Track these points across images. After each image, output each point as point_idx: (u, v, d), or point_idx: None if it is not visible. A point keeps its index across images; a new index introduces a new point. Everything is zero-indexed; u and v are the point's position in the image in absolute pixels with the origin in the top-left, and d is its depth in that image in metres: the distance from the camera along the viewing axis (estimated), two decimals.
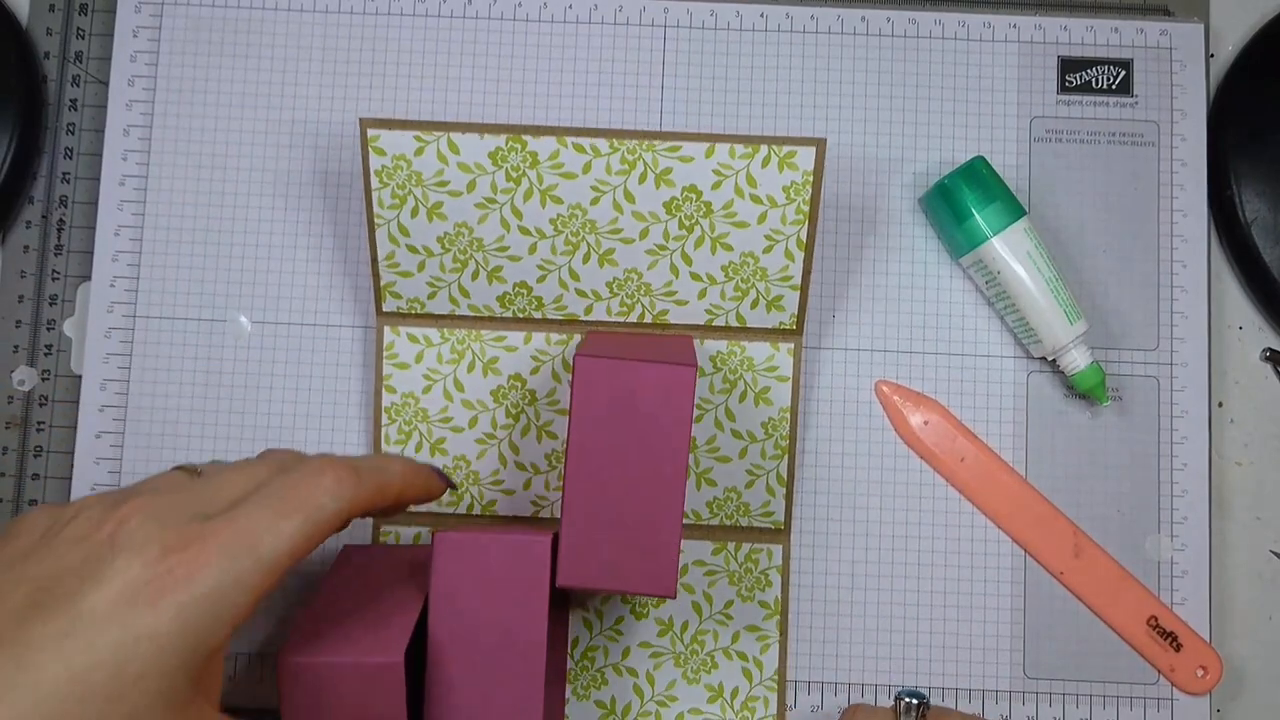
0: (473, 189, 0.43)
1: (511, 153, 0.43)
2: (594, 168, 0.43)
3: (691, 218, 0.44)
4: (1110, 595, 0.45)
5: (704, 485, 0.45)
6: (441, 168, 0.43)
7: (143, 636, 0.28)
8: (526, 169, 0.43)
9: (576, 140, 0.43)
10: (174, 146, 0.47)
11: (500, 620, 0.37)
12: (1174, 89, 0.48)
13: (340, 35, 0.48)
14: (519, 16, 0.48)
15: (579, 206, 0.44)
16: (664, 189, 0.43)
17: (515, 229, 0.44)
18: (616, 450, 0.37)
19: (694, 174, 0.43)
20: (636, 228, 0.44)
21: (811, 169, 0.43)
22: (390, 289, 0.45)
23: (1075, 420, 0.47)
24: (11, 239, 0.48)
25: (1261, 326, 0.49)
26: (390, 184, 0.43)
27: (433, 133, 0.43)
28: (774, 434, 0.45)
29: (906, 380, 0.47)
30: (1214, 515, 0.47)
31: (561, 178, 0.43)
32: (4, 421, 0.47)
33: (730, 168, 0.43)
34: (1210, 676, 0.44)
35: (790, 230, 0.44)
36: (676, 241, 0.44)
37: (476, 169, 0.43)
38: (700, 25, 0.48)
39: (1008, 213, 0.45)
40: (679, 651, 0.45)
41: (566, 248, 0.44)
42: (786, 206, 0.43)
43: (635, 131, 0.43)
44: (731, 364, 0.45)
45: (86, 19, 0.49)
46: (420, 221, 0.43)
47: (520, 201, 0.43)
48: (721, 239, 0.44)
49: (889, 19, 0.49)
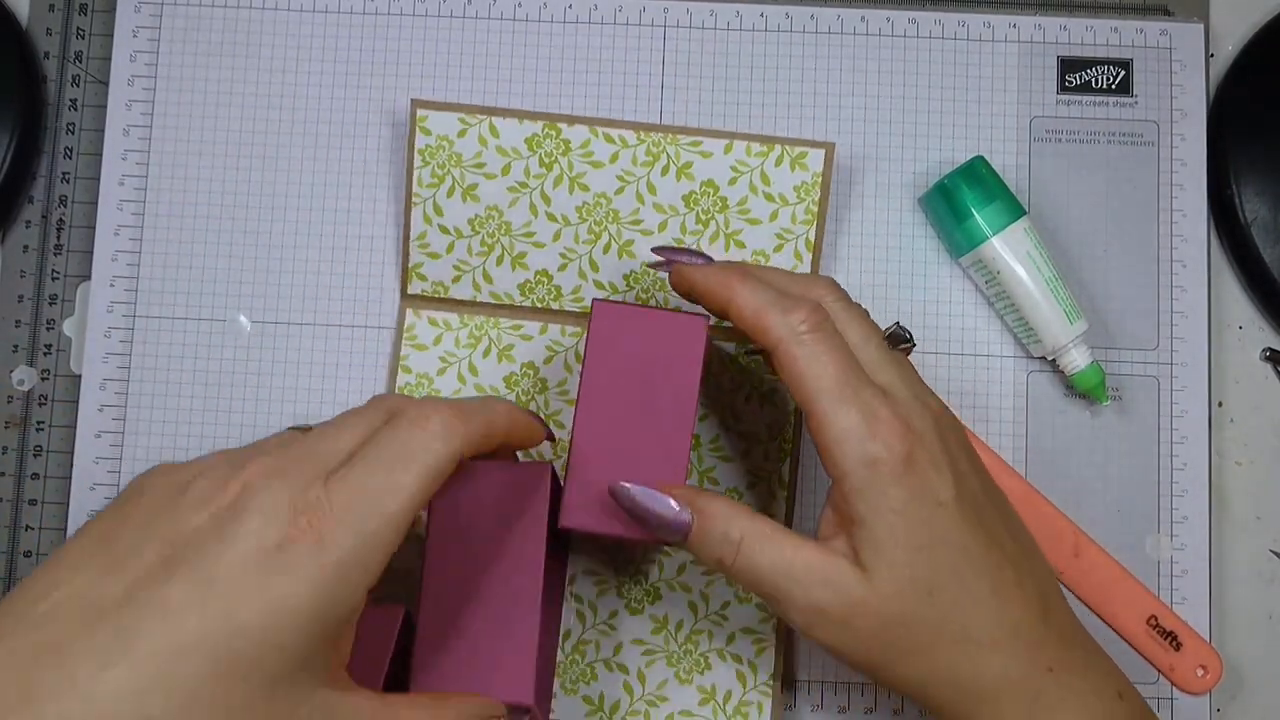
0: (507, 172, 0.45)
1: (547, 139, 0.45)
2: (621, 158, 0.45)
3: (708, 212, 0.45)
4: (1110, 594, 0.45)
5: (706, 484, 0.45)
6: (480, 150, 0.45)
7: (282, 603, 0.28)
8: (559, 155, 0.45)
9: (607, 130, 0.45)
10: (174, 146, 0.47)
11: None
12: (1174, 89, 0.48)
13: (340, 35, 0.48)
14: (519, 16, 0.48)
15: (604, 195, 0.45)
16: (684, 182, 0.45)
17: (543, 214, 0.45)
18: (627, 396, 0.37)
19: (713, 169, 0.45)
20: (656, 219, 0.45)
21: (821, 170, 0.45)
22: (417, 270, 0.46)
23: (1075, 420, 0.47)
24: (11, 239, 0.48)
25: (1261, 326, 0.49)
26: (431, 163, 0.45)
27: (476, 116, 0.45)
28: (777, 436, 0.46)
29: None
30: (1214, 515, 0.47)
31: (590, 166, 0.45)
32: (4, 421, 0.47)
33: (746, 164, 0.45)
34: (1210, 676, 0.44)
35: (800, 230, 0.45)
36: (693, 236, 0.45)
37: (513, 153, 0.45)
38: (700, 25, 0.48)
39: (1007, 212, 0.45)
40: (672, 651, 0.44)
41: (589, 236, 0.45)
42: (796, 206, 0.45)
43: (662, 126, 0.46)
44: (739, 365, 0.46)
45: (86, 19, 0.49)
46: (455, 202, 0.45)
47: (550, 187, 0.45)
48: (735, 235, 0.45)
49: (889, 19, 0.49)
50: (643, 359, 0.38)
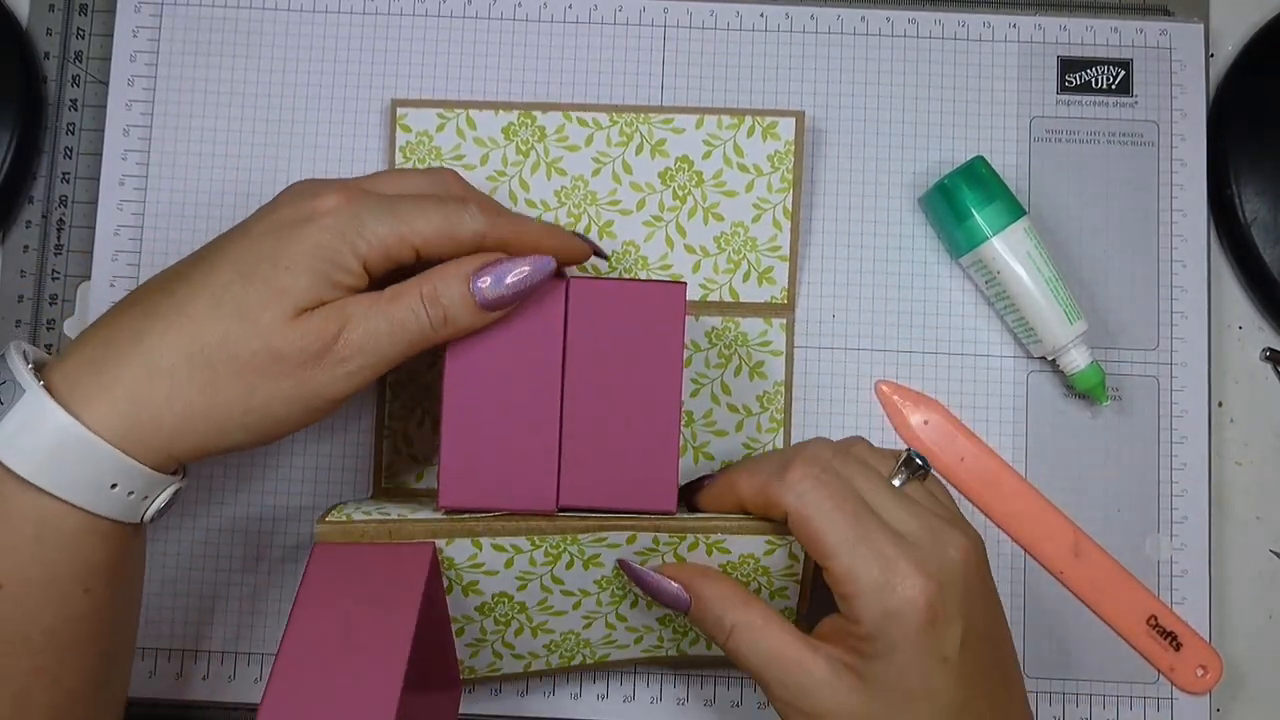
0: (485, 162, 0.46)
1: (523, 127, 0.46)
2: (595, 140, 0.46)
3: (685, 188, 0.46)
4: (1110, 594, 0.45)
5: (701, 459, 0.46)
6: (459, 142, 0.46)
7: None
8: (535, 142, 0.46)
9: (580, 114, 0.46)
10: (174, 147, 0.47)
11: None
12: (1174, 89, 0.48)
13: (340, 35, 0.48)
14: (519, 16, 0.48)
15: (581, 178, 0.46)
16: (659, 159, 0.46)
17: (522, 201, 0.46)
18: (612, 371, 0.38)
19: (686, 145, 0.46)
20: (634, 198, 0.46)
21: (793, 138, 0.46)
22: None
23: (1075, 420, 0.47)
24: (11, 239, 0.48)
25: (1261, 326, 0.49)
26: (412, 159, 0.46)
27: (454, 110, 0.46)
28: (769, 407, 0.46)
29: (906, 380, 0.47)
30: (1214, 515, 0.47)
31: (566, 150, 0.46)
32: None
33: (719, 138, 0.46)
34: (1210, 676, 0.44)
35: (776, 199, 0.46)
36: (671, 213, 0.46)
37: (490, 143, 0.46)
38: (700, 25, 0.48)
39: (1007, 212, 0.45)
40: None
41: (569, 220, 0.46)
42: (772, 175, 0.46)
43: (633, 106, 0.47)
44: (726, 339, 0.46)
45: (86, 19, 0.49)
46: None
47: (528, 174, 0.46)
48: (713, 209, 0.46)
49: (889, 19, 0.49)
50: (625, 332, 0.38)
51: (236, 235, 0.36)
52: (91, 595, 0.34)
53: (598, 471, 0.37)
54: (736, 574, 0.39)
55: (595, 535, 0.37)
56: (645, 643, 0.41)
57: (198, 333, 0.34)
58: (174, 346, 0.33)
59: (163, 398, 0.33)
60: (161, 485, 0.35)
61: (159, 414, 0.33)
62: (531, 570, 0.38)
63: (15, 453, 0.32)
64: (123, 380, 0.33)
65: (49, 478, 0.32)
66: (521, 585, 0.38)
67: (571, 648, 0.41)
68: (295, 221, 0.35)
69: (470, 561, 0.37)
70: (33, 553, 0.33)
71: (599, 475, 0.37)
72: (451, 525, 0.37)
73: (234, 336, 0.33)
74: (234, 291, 0.34)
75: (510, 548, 0.37)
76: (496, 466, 0.37)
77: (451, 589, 0.38)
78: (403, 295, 0.35)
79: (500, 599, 0.39)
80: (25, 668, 0.34)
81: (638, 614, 0.40)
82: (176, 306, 0.34)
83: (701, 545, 0.38)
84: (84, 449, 0.33)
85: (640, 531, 0.38)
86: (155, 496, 0.35)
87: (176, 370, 0.33)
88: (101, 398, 0.33)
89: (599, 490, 0.37)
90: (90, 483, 0.33)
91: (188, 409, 0.33)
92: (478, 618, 0.39)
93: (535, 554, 0.38)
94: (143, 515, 0.35)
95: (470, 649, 0.40)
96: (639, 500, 0.38)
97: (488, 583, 0.38)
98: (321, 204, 0.35)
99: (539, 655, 0.41)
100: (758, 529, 0.38)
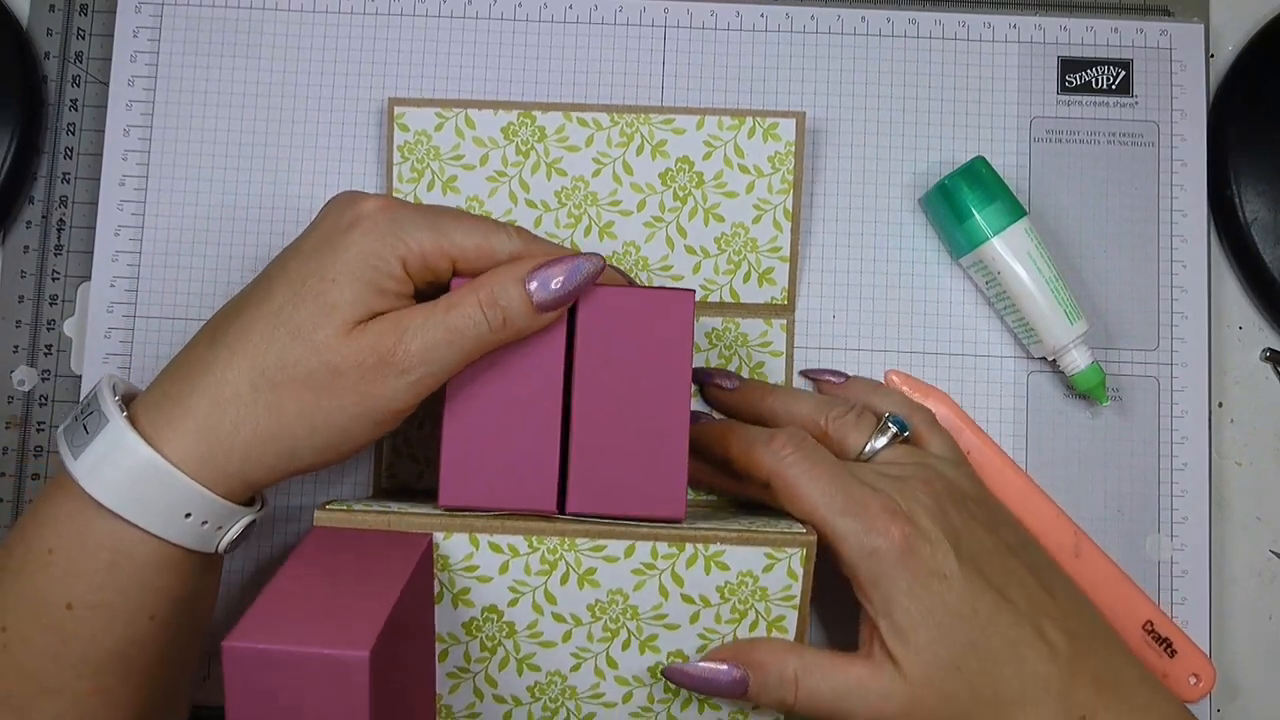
0: (485, 163, 0.46)
1: (522, 127, 0.46)
2: (595, 141, 0.46)
3: (685, 188, 0.46)
4: (1107, 598, 0.45)
5: None
6: (458, 142, 0.46)
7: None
8: (535, 142, 0.46)
9: (580, 115, 0.46)
10: (174, 146, 0.47)
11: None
12: (1174, 89, 0.48)
13: (341, 35, 0.48)
14: (519, 16, 0.48)
15: (582, 179, 0.46)
16: (659, 160, 0.46)
17: (523, 201, 0.46)
18: (621, 378, 0.38)
19: (687, 145, 0.46)
20: (634, 199, 0.46)
21: (794, 139, 0.45)
22: None
23: (1075, 420, 0.47)
24: (11, 239, 0.48)
25: (1261, 326, 0.49)
26: (410, 158, 0.46)
27: (452, 109, 0.46)
28: None
29: None
30: (1214, 515, 0.47)
31: (566, 150, 0.46)
32: (4, 421, 0.47)
33: (719, 139, 0.46)
34: (1203, 685, 0.44)
35: (777, 200, 0.45)
36: (671, 213, 0.46)
37: (490, 143, 0.46)
38: (700, 25, 0.48)
39: (1008, 213, 0.45)
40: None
41: (570, 220, 0.46)
42: (772, 176, 0.45)
43: (633, 106, 0.47)
44: (727, 340, 0.46)
45: (86, 19, 0.49)
46: (435, 195, 0.46)
47: (528, 174, 0.46)
48: (713, 210, 0.46)
49: (889, 19, 0.49)
50: (633, 339, 0.38)
51: (290, 253, 0.37)
52: (156, 622, 0.35)
53: (606, 478, 0.37)
54: (734, 599, 0.38)
55: (593, 543, 0.37)
56: (634, 701, 0.40)
57: (258, 357, 0.35)
58: (238, 373, 0.35)
59: (231, 424, 0.34)
60: (234, 516, 0.36)
61: (229, 441, 0.34)
62: (525, 580, 0.38)
63: (97, 481, 0.34)
64: (194, 411, 0.34)
65: (128, 506, 0.34)
66: (513, 600, 0.38)
67: (556, 696, 0.39)
68: (339, 231, 0.36)
69: (465, 562, 0.37)
70: (105, 578, 0.34)
71: (607, 482, 0.37)
72: (450, 520, 0.37)
73: (291, 358, 0.34)
74: (288, 313, 0.35)
75: (507, 548, 0.37)
76: (497, 466, 0.37)
77: (442, 596, 0.38)
78: (459, 302, 0.35)
79: (489, 615, 0.38)
80: (88, 688, 0.35)
81: (628, 659, 0.39)
82: (239, 333, 0.35)
83: (700, 559, 0.38)
84: (160, 478, 0.34)
85: (639, 541, 0.37)
86: (229, 528, 0.36)
87: (241, 396, 0.34)
88: (176, 428, 0.34)
89: (607, 497, 0.37)
90: (165, 511, 0.34)
91: (255, 433, 0.34)
92: (464, 638, 0.39)
93: (531, 559, 0.37)
94: (217, 545, 0.36)
95: (451, 680, 0.39)
96: (647, 507, 0.37)
97: (480, 591, 0.38)
98: (361, 210, 0.36)
99: (521, 702, 0.39)
100: (757, 539, 0.37)
